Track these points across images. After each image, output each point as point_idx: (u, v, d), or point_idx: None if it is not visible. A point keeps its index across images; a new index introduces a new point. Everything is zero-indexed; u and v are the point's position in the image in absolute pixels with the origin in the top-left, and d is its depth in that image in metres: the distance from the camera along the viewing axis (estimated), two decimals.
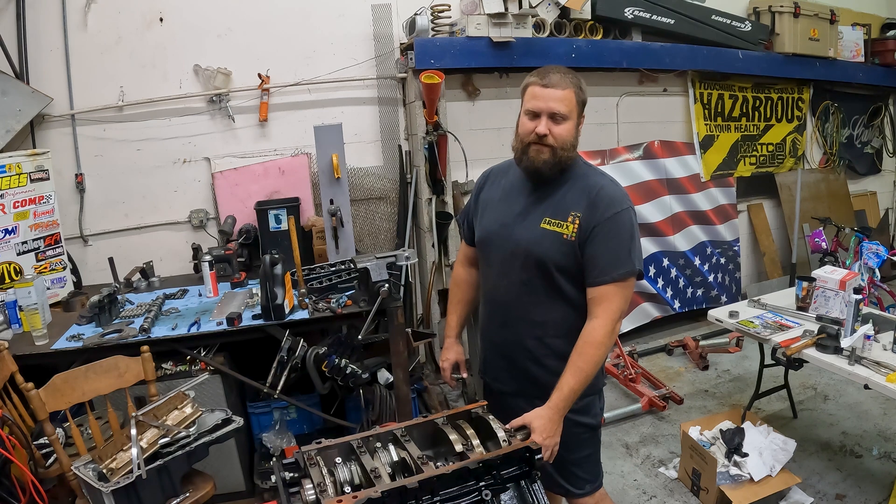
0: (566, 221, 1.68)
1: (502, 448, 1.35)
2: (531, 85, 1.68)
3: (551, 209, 1.71)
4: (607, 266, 1.65)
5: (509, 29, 3.61)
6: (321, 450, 1.37)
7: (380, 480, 1.25)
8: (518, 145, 1.71)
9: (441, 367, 2.02)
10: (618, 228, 1.66)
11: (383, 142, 3.95)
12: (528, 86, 1.69)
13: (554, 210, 1.70)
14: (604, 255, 1.65)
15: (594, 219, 1.65)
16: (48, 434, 2.06)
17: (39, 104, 3.18)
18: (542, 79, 1.66)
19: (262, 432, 2.86)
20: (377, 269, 2.62)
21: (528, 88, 1.69)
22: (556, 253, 1.68)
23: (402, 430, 1.43)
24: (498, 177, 1.88)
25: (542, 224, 1.70)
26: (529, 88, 1.68)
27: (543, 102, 1.65)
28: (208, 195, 3.67)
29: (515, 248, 1.73)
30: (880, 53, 5.30)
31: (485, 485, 1.28)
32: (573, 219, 1.67)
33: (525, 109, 1.69)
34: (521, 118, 1.71)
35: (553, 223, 1.69)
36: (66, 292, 3.04)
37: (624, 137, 4.49)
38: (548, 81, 1.65)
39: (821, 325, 2.57)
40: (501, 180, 1.86)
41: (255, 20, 3.57)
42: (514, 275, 1.75)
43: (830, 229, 4.56)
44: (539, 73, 1.69)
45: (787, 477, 2.59)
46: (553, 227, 1.69)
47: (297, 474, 1.35)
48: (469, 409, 1.50)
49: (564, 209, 1.69)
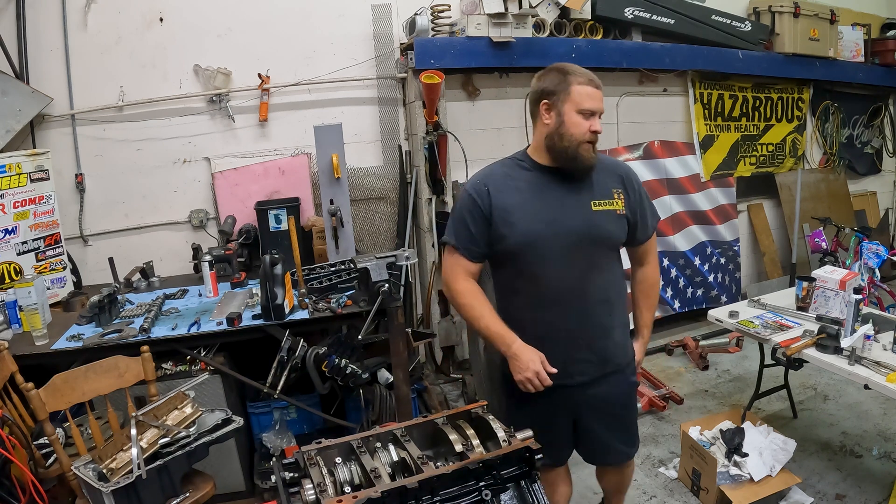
0: (613, 199, 1.85)
1: (502, 448, 1.35)
2: (581, 84, 1.77)
3: (595, 192, 1.84)
4: (651, 221, 1.97)
5: (509, 29, 3.61)
6: (321, 450, 1.37)
7: (380, 480, 1.25)
8: (569, 143, 1.77)
9: (533, 373, 1.77)
10: (643, 190, 1.96)
11: (383, 142, 3.95)
12: (576, 85, 1.77)
13: (598, 192, 1.85)
14: (648, 214, 1.95)
15: (632, 189, 1.90)
16: (48, 434, 2.06)
17: (39, 104, 3.18)
18: (589, 79, 1.80)
19: (262, 432, 2.85)
20: (377, 269, 2.62)
21: (577, 88, 1.76)
22: (615, 227, 1.86)
23: (402, 430, 1.43)
24: (502, 183, 1.84)
25: (593, 207, 1.82)
26: (579, 88, 1.76)
27: (598, 103, 1.79)
28: (208, 195, 3.67)
29: (577, 237, 1.81)
30: (880, 53, 5.30)
31: (485, 485, 1.28)
32: (618, 195, 1.87)
33: (580, 109, 1.76)
34: (570, 117, 1.76)
35: (603, 203, 1.84)
36: (66, 292, 3.04)
37: (624, 137, 4.49)
38: (596, 82, 1.80)
39: (821, 325, 2.57)
40: (510, 184, 1.84)
41: (255, 20, 3.57)
42: (581, 261, 1.82)
43: (830, 229, 4.56)
44: (582, 73, 1.81)
45: (787, 477, 2.59)
46: (605, 206, 1.84)
47: (297, 474, 1.35)
48: (469, 409, 1.50)
49: (607, 189, 1.86)
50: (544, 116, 1.82)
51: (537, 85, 1.86)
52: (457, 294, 1.91)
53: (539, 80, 1.87)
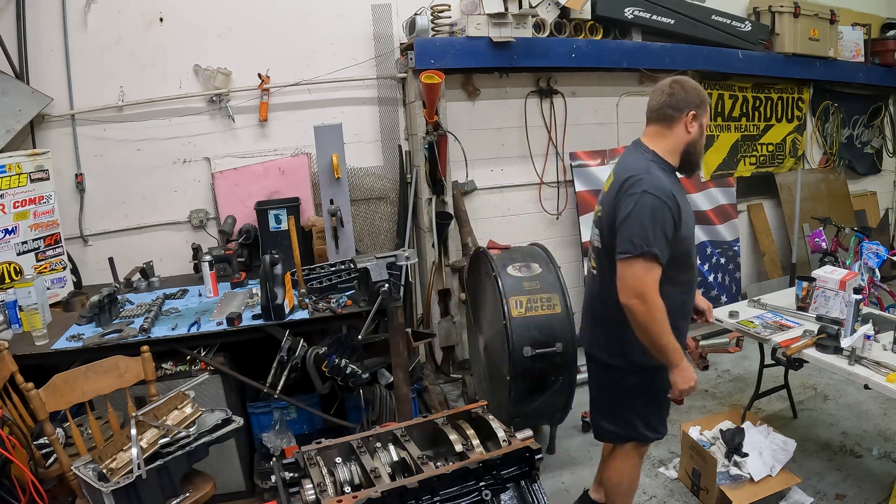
0: None
1: (502, 448, 1.35)
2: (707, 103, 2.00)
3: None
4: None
5: (509, 29, 3.61)
6: (321, 450, 1.37)
7: (380, 480, 1.25)
8: (700, 153, 2.02)
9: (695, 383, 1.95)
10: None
11: (383, 142, 3.95)
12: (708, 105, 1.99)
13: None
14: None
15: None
16: (48, 434, 2.06)
17: (39, 104, 3.18)
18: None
19: (262, 432, 2.86)
20: (377, 269, 2.62)
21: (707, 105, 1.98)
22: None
23: (402, 430, 1.43)
24: (672, 185, 1.93)
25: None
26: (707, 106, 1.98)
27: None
28: (208, 195, 3.67)
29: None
30: (880, 53, 5.29)
31: (485, 485, 1.28)
32: None
33: (706, 124, 1.98)
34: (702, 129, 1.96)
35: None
36: (66, 292, 3.04)
37: (624, 137, 4.48)
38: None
39: (821, 325, 2.57)
40: (675, 186, 1.96)
41: (255, 20, 3.57)
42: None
43: (830, 229, 4.56)
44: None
45: (787, 477, 2.59)
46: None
47: (297, 474, 1.35)
48: (469, 409, 1.51)
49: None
50: (689, 125, 1.94)
51: (683, 95, 1.93)
52: (654, 308, 1.84)
53: (684, 89, 1.95)
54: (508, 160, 4.17)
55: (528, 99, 4.15)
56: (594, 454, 3.11)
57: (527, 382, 2.79)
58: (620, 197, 1.88)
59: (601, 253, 2.04)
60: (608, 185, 2.03)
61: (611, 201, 1.94)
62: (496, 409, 2.26)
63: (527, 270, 2.93)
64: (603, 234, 2.02)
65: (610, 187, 1.99)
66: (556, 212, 4.36)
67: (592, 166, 4.27)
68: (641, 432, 2.17)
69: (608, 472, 2.34)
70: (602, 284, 2.06)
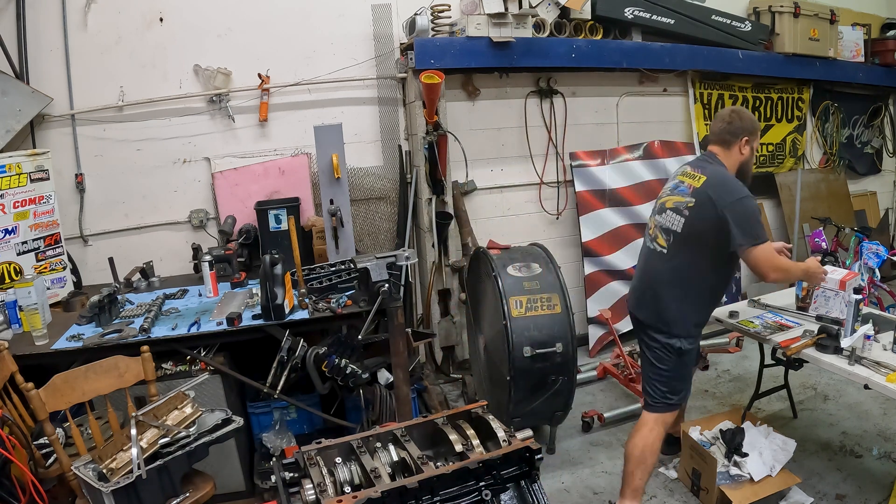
0: None
1: (502, 448, 1.35)
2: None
3: None
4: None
5: (509, 29, 3.61)
6: (321, 450, 1.37)
7: (380, 480, 1.25)
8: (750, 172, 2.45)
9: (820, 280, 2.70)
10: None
11: (383, 142, 3.95)
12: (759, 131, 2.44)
13: None
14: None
15: None
16: (48, 434, 2.06)
17: (39, 104, 3.18)
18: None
19: (262, 432, 2.85)
20: (377, 269, 2.62)
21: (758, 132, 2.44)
22: None
23: (402, 430, 1.43)
24: None
25: None
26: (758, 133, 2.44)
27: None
28: (208, 195, 3.67)
29: None
30: (880, 53, 5.29)
31: (485, 485, 1.28)
32: None
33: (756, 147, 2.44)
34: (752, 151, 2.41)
35: None
36: (66, 292, 3.04)
37: (624, 137, 4.49)
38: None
39: (821, 325, 2.57)
40: None
41: (255, 20, 3.57)
42: None
43: (830, 229, 4.56)
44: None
45: (787, 477, 2.59)
46: None
47: (297, 474, 1.35)
48: (469, 409, 1.51)
49: None
50: (743, 148, 2.38)
51: (739, 123, 2.38)
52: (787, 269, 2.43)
53: (741, 119, 2.39)
54: (508, 160, 4.17)
55: (528, 99, 4.15)
56: (594, 454, 3.11)
57: (527, 382, 2.79)
58: (724, 199, 2.24)
59: (679, 237, 2.36)
60: (699, 181, 2.34)
61: (707, 199, 2.28)
62: (496, 409, 2.26)
63: (527, 270, 2.93)
64: (690, 221, 2.33)
65: (704, 184, 2.32)
66: (556, 212, 4.36)
67: (592, 166, 4.27)
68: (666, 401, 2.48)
69: (631, 444, 2.50)
70: (671, 263, 2.40)
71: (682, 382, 2.50)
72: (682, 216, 2.35)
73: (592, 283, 4.31)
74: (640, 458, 2.44)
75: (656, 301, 2.44)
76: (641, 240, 2.73)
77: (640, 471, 2.45)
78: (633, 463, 2.46)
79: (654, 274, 2.48)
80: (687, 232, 2.34)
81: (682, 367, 2.45)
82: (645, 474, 2.47)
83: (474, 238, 3.89)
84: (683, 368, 2.46)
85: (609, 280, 4.35)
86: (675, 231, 2.38)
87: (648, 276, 2.53)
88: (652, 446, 2.45)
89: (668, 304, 2.40)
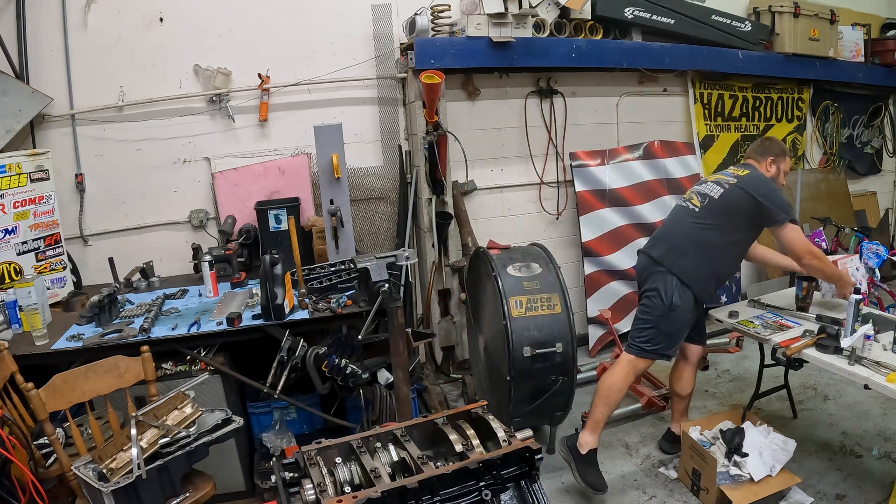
0: None
1: (502, 448, 1.35)
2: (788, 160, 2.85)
3: None
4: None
5: (509, 29, 3.61)
6: (321, 450, 1.37)
7: (380, 480, 1.25)
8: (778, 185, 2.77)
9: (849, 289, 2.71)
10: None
11: (383, 142, 3.95)
12: (788, 159, 2.84)
13: None
14: None
15: None
16: (48, 434, 2.06)
17: (39, 104, 3.18)
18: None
19: (262, 432, 2.86)
20: (377, 269, 2.62)
21: (788, 161, 2.84)
22: None
23: (402, 430, 1.43)
24: None
25: None
26: (788, 161, 2.85)
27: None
28: (208, 195, 3.68)
29: None
30: (880, 53, 5.29)
31: (485, 485, 1.28)
32: None
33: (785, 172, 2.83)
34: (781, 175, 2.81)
35: None
36: (66, 292, 3.04)
37: (624, 137, 4.49)
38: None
39: (821, 325, 2.57)
40: None
41: (255, 20, 3.57)
42: None
43: (830, 229, 4.56)
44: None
45: (787, 477, 2.59)
46: None
47: (297, 474, 1.35)
48: (469, 409, 1.51)
49: None
50: (769, 167, 2.79)
51: (769, 145, 2.86)
52: (826, 259, 2.72)
53: (771, 144, 2.89)
54: (508, 160, 4.17)
55: (528, 99, 4.15)
56: None
57: (527, 382, 2.79)
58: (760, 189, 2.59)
59: (714, 203, 2.66)
60: (744, 173, 2.69)
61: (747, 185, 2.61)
62: (496, 409, 2.26)
63: (527, 270, 2.93)
64: (728, 193, 2.64)
65: (746, 176, 2.66)
66: (556, 212, 4.36)
67: (592, 166, 4.27)
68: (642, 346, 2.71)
69: (601, 379, 2.79)
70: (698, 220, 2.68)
71: (664, 338, 2.68)
72: (722, 188, 2.67)
73: (592, 283, 4.31)
74: (604, 393, 2.71)
75: (672, 244, 2.71)
76: (641, 240, 2.76)
77: (602, 404, 2.70)
78: (598, 396, 2.73)
79: (679, 224, 2.76)
80: (722, 200, 2.63)
81: (668, 322, 2.65)
82: (605, 409, 2.70)
83: (474, 238, 3.89)
84: (668, 324, 2.65)
85: (609, 280, 4.35)
86: (711, 196, 2.68)
87: (673, 223, 2.83)
88: (618, 385, 2.70)
89: (685, 250, 2.66)
